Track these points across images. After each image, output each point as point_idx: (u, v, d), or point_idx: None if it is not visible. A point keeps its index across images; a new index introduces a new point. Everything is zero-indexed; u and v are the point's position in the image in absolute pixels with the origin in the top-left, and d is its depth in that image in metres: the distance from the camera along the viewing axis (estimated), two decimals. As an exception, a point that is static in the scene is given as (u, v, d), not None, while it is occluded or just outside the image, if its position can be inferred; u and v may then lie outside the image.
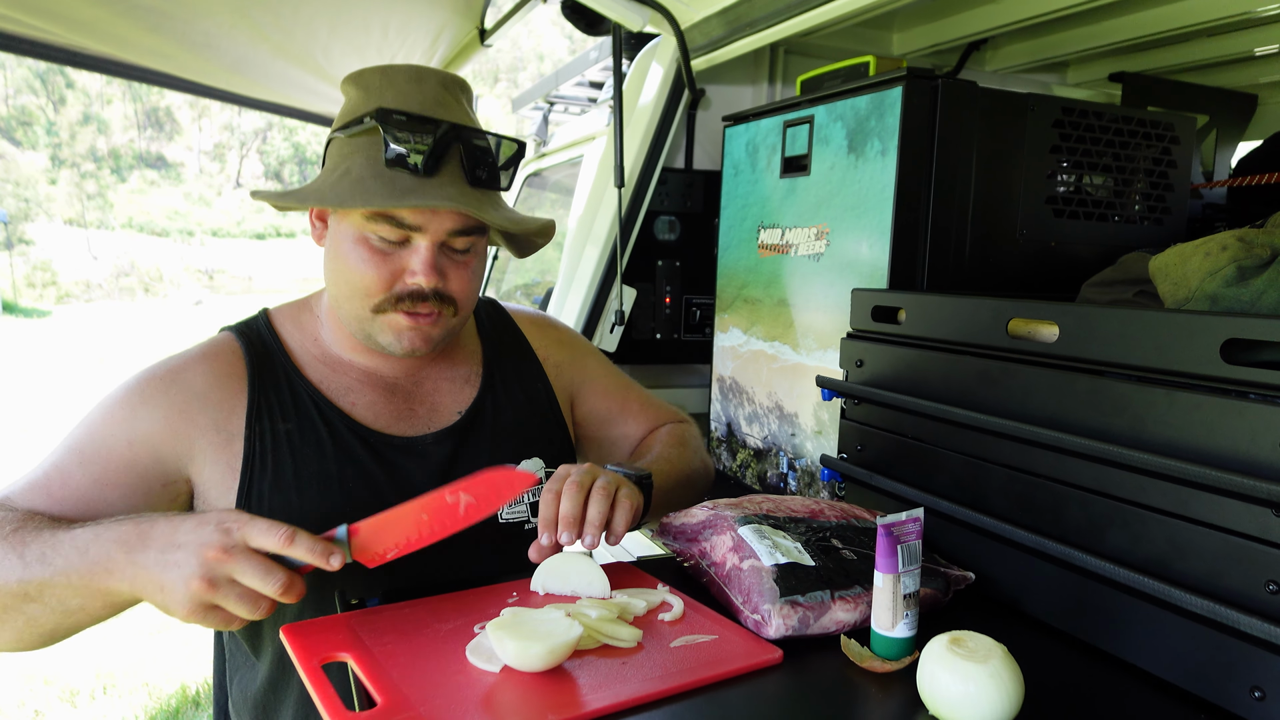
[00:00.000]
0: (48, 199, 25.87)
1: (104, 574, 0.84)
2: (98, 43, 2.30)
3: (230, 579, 0.80)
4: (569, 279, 2.20)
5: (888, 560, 0.84)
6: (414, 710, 0.71)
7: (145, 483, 1.01)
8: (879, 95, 1.35)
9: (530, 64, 33.38)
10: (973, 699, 0.72)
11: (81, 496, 0.98)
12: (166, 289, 22.22)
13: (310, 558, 0.82)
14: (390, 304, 1.05)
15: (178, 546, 0.81)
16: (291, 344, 1.15)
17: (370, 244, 1.04)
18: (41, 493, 0.98)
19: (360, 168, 1.03)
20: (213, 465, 1.05)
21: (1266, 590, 0.75)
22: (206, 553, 0.80)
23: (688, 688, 0.78)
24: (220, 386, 1.08)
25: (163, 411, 1.03)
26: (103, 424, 1.03)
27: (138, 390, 1.05)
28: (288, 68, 2.59)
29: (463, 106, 1.10)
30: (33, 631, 0.89)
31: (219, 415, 1.06)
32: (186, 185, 30.50)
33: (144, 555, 0.83)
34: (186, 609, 0.80)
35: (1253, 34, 1.89)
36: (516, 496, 0.92)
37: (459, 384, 1.21)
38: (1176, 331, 0.83)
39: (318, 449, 1.08)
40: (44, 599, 0.86)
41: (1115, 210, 1.48)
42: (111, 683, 3.27)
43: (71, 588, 0.85)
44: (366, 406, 1.13)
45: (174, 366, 1.08)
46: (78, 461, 1.00)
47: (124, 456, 1.01)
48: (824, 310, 1.48)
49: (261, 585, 0.80)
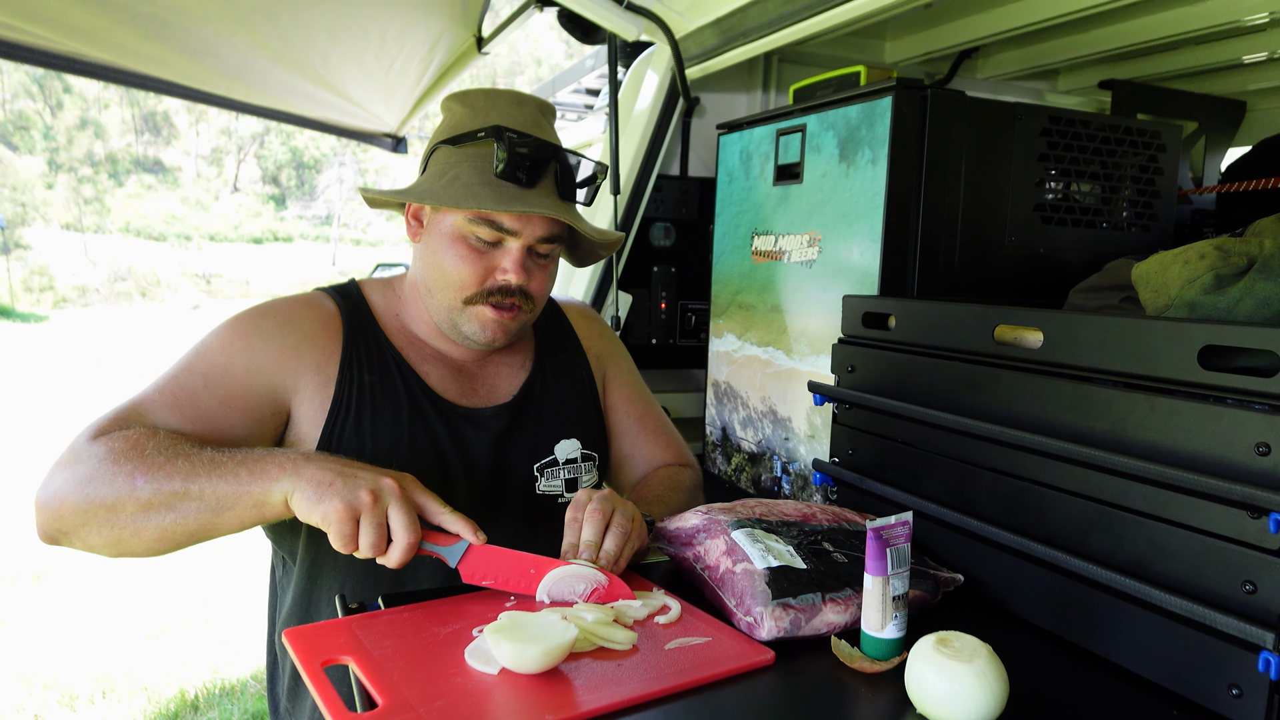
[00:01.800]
0: (44, 203, 25.83)
1: (275, 475, 0.95)
2: (97, 50, 2.32)
3: (386, 509, 0.93)
4: (566, 284, 2.22)
5: (877, 563, 0.86)
6: (414, 711, 0.73)
7: (260, 408, 1.14)
8: (869, 105, 1.37)
9: (528, 68, 33.43)
10: (959, 697, 0.74)
11: (211, 416, 1.10)
12: (164, 293, 22.19)
13: (462, 528, 0.97)
14: (481, 298, 1.19)
15: (358, 471, 0.95)
16: (379, 311, 1.29)
17: (469, 243, 1.18)
18: (173, 411, 1.08)
19: (469, 175, 1.16)
20: (309, 402, 1.18)
21: (1243, 590, 0.77)
22: (384, 480, 0.94)
23: (682, 688, 0.80)
24: (322, 333, 1.21)
25: (277, 345, 1.17)
26: (221, 351, 1.15)
27: (253, 324, 1.18)
28: (286, 74, 2.61)
29: (553, 128, 1.26)
30: (175, 530, 0.98)
31: (320, 358, 1.20)
32: (184, 190, 30.46)
33: (326, 465, 0.95)
34: (340, 503, 0.91)
35: (1241, 42, 1.91)
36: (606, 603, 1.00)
37: (515, 368, 1.35)
38: (1156, 338, 0.85)
39: (394, 403, 1.22)
40: (204, 497, 0.96)
41: (1103, 217, 1.50)
42: (110, 686, 3.28)
43: (236, 482, 0.95)
44: (438, 378, 1.27)
45: (284, 308, 1.23)
46: (202, 384, 1.12)
47: (244, 382, 1.13)
48: (816, 316, 1.50)
49: (401, 529, 0.93)
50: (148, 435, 1.01)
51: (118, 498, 0.96)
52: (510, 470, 1.28)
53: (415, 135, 3.89)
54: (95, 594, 4.12)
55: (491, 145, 1.16)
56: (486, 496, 1.25)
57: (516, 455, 1.29)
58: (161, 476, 0.96)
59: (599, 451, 1.39)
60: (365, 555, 0.93)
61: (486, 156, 1.16)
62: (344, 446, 1.17)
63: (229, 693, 3.27)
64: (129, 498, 0.96)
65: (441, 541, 0.98)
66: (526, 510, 1.28)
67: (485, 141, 1.16)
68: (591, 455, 1.36)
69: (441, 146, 1.21)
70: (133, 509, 0.96)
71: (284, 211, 31.31)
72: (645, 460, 1.45)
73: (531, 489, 1.30)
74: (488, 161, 1.16)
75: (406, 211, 1.26)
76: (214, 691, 3.27)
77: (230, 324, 1.19)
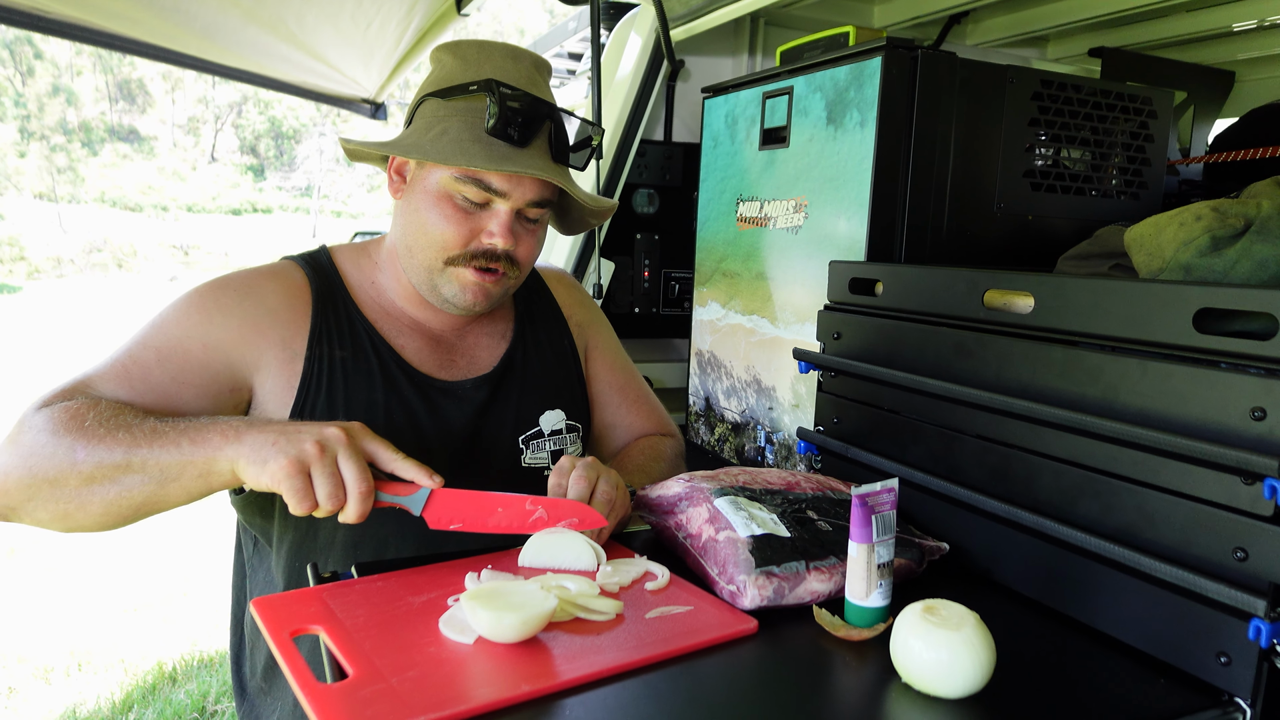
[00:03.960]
0: (17, 172, 25.33)
1: (218, 444, 0.91)
2: (64, 6, 2.24)
3: (335, 458, 0.88)
4: (546, 251, 2.18)
5: (862, 530, 0.84)
6: (386, 682, 0.71)
7: (216, 385, 1.08)
8: (858, 66, 1.34)
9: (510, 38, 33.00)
10: (945, 666, 0.73)
11: (162, 391, 1.05)
12: (140, 264, 21.88)
13: (415, 474, 0.92)
14: (464, 260, 1.13)
15: (301, 426, 0.91)
16: (351, 281, 1.23)
17: (454, 202, 1.12)
18: (123, 383, 1.04)
19: (459, 130, 1.10)
20: (275, 379, 1.12)
21: (1234, 557, 0.76)
22: (327, 429, 0.90)
23: (663, 658, 0.78)
24: (289, 307, 1.15)
25: (237, 320, 1.11)
26: (177, 325, 1.09)
27: (212, 297, 1.12)
28: (260, 34, 2.53)
29: (549, 87, 1.19)
30: (121, 504, 0.94)
31: (286, 333, 1.14)
32: (160, 159, 29.94)
33: (267, 429, 0.91)
34: (287, 458, 0.87)
35: (1231, 9, 1.89)
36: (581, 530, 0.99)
37: (496, 338, 1.31)
38: (1150, 302, 0.83)
39: (368, 379, 1.16)
40: (147, 469, 0.92)
41: (1092, 184, 1.48)
42: (87, 660, 3.25)
43: (179, 453, 0.91)
44: (414, 351, 1.22)
45: (247, 280, 1.16)
46: (155, 358, 1.06)
47: (199, 358, 1.08)
48: (802, 283, 1.47)
49: (353, 478, 0.88)
50: (89, 406, 0.96)
51: (59, 471, 0.92)
52: (493, 443, 1.25)
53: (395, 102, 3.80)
54: (71, 568, 4.08)
55: (484, 100, 1.10)
56: (469, 471, 1.20)
57: (499, 428, 1.25)
58: (102, 449, 0.91)
59: (582, 422, 1.36)
60: (325, 511, 0.88)
61: (478, 111, 1.10)
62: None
63: (207, 664, 3.25)
64: (70, 471, 0.91)
65: (402, 491, 0.94)
66: (512, 484, 1.23)
67: (477, 95, 1.10)
68: (575, 426, 1.34)
69: (430, 99, 1.14)
70: (75, 482, 0.92)
71: (263, 182, 30.89)
72: (627, 430, 1.42)
73: (517, 462, 1.27)
74: (479, 117, 1.10)
75: (390, 166, 1.19)
76: (192, 664, 3.25)
77: (190, 296, 1.13)
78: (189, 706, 2.95)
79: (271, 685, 1.21)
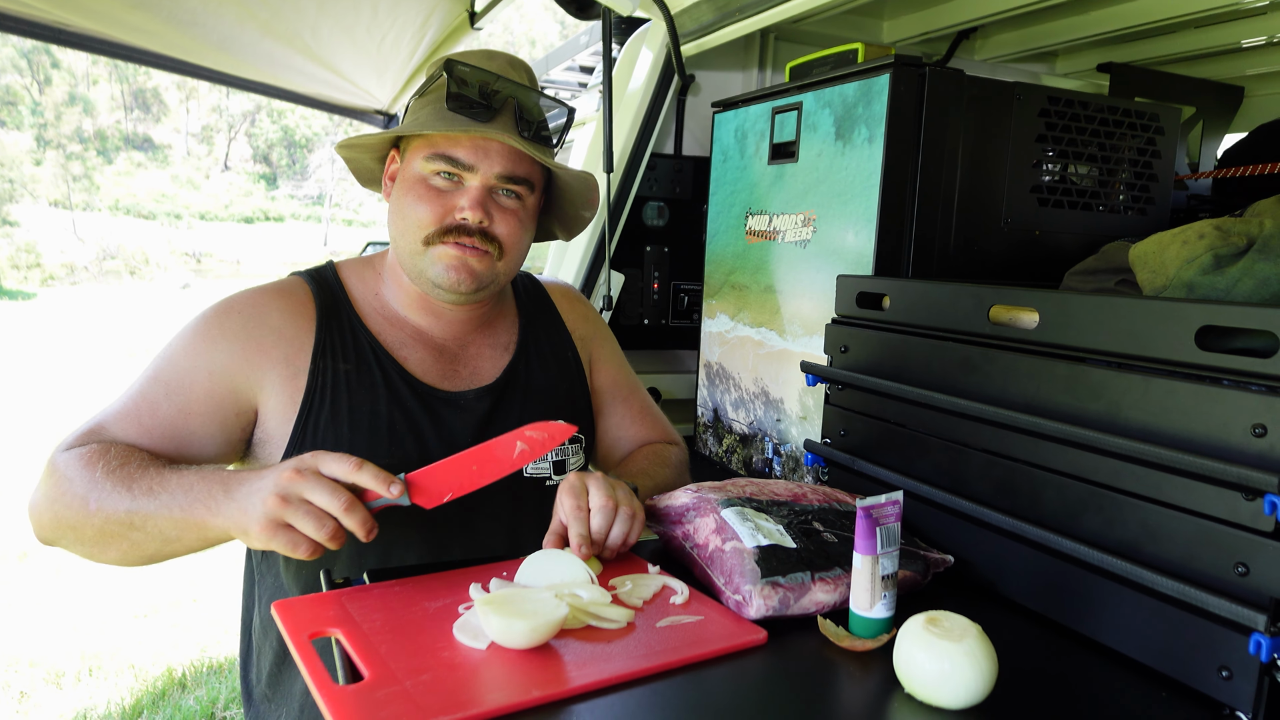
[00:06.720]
0: (33, 180, 25.56)
1: (203, 509, 0.94)
2: (83, 19, 2.28)
3: (301, 498, 0.89)
4: (557, 263, 2.20)
5: (866, 541, 0.85)
6: (400, 684, 0.72)
7: (222, 411, 1.12)
8: (867, 82, 1.36)
9: (522, 49, 33.18)
10: (947, 677, 0.74)
11: (170, 425, 1.10)
12: (153, 272, 22.03)
13: (375, 484, 0.91)
14: (438, 236, 1.15)
15: (261, 478, 0.92)
16: (355, 295, 1.26)
17: (428, 184, 1.15)
18: (133, 423, 1.09)
19: (428, 115, 1.17)
20: (278, 396, 1.15)
21: (1235, 572, 0.76)
22: (282, 475, 0.90)
23: (671, 667, 0.80)
24: (292, 323, 1.18)
25: (240, 343, 1.14)
26: (184, 355, 1.14)
27: (216, 322, 1.16)
28: (275, 47, 2.57)
29: (524, 78, 1.23)
30: (135, 553, 1.01)
31: (289, 350, 1.16)
32: (174, 168, 30.18)
33: (238, 490, 0.93)
34: (260, 524, 0.89)
35: (1240, 25, 1.90)
36: (559, 444, 1.03)
37: (499, 350, 1.32)
38: (1153, 319, 0.84)
39: (371, 391, 1.18)
40: (147, 528, 0.97)
41: (1099, 200, 1.49)
42: (97, 665, 3.27)
43: (172, 520, 0.96)
44: (418, 362, 1.24)
45: (250, 300, 1.19)
46: (164, 393, 1.11)
47: (204, 387, 1.12)
48: (810, 296, 1.49)
49: (327, 502, 0.88)
50: (100, 454, 1.01)
51: (77, 519, 0.99)
52: None
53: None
54: (82, 573, 4.11)
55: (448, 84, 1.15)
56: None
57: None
58: (109, 504, 0.97)
59: (586, 434, 1.37)
60: (332, 544, 0.89)
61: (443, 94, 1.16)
62: (320, 438, 1.14)
63: (216, 670, 3.27)
64: (85, 522, 0.98)
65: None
66: (514, 493, 1.25)
67: (442, 82, 1.16)
68: (579, 438, 1.35)
69: (412, 100, 1.23)
70: (91, 532, 0.99)
71: (275, 191, 31.08)
72: (631, 441, 1.44)
73: (519, 472, 1.26)
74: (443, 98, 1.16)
75: (384, 175, 1.25)
76: (202, 670, 3.27)
77: (196, 324, 1.16)
78: (198, 712, 2.96)
79: (276, 692, 1.22)
